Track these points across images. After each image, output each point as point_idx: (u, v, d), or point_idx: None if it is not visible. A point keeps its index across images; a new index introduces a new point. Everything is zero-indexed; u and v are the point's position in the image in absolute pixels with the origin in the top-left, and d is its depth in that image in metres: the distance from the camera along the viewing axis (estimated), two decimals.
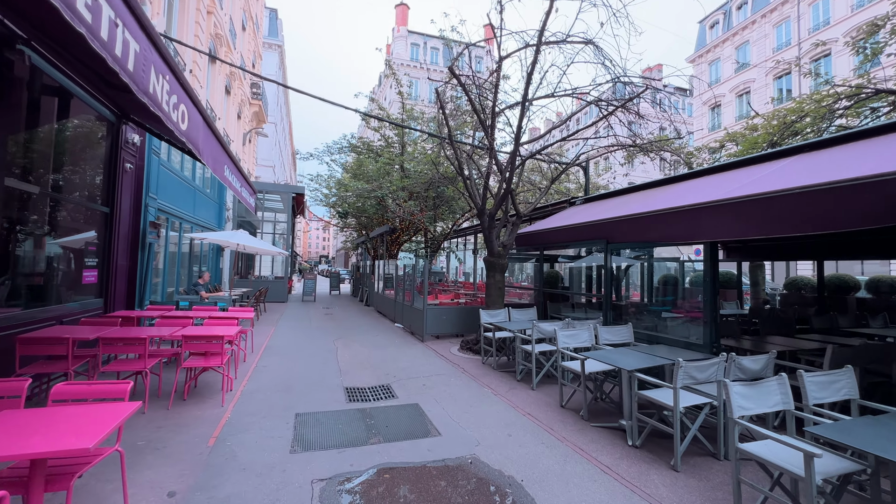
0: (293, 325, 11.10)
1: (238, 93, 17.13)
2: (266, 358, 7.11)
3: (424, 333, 8.96)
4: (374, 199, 12.31)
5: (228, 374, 5.07)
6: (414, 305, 9.90)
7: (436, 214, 12.87)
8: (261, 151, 31.79)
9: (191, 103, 3.40)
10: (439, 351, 8.09)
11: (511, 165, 7.04)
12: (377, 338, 9.42)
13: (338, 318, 12.84)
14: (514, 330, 6.08)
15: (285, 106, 46.04)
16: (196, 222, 11.15)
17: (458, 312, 9.36)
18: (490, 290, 8.09)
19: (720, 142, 10.63)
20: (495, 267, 8.04)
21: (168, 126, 3.04)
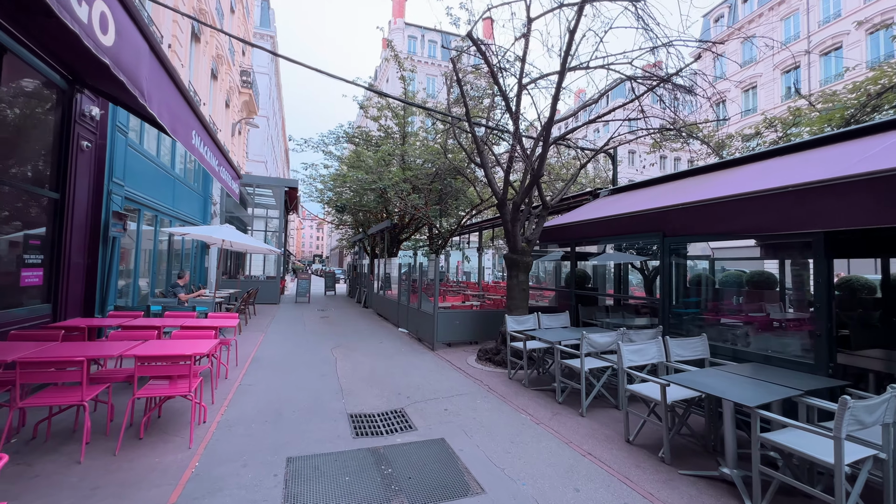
0: (285, 330, 9.97)
1: (226, 79, 15.93)
2: (252, 373, 6.00)
3: (435, 341, 7.90)
4: (375, 191, 11.22)
5: (201, 400, 3.98)
6: (422, 309, 8.83)
7: (441, 209, 11.82)
8: (252, 146, 30.54)
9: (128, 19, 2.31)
10: (454, 362, 7.03)
11: (544, 144, 6.00)
12: (381, 345, 8.34)
13: (335, 321, 11.72)
14: (553, 341, 5.04)
15: (278, 101, 44.66)
16: (176, 216, 9.99)
17: (472, 317, 8.30)
18: (512, 292, 7.05)
19: (756, 127, 9.68)
20: (518, 265, 6.99)
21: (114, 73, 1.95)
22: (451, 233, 11.93)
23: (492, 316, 8.42)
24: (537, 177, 6.18)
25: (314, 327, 10.53)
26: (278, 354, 7.30)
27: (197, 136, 4.21)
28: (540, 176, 6.22)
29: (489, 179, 7.09)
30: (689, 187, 5.21)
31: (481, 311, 8.56)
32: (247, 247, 11.80)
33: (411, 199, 11.23)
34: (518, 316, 6.33)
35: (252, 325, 10.41)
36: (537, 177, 6.18)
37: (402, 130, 14.25)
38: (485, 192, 11.27)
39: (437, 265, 8.01)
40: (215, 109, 14.81)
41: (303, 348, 7.91)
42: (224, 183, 5.22)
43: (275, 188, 16.76)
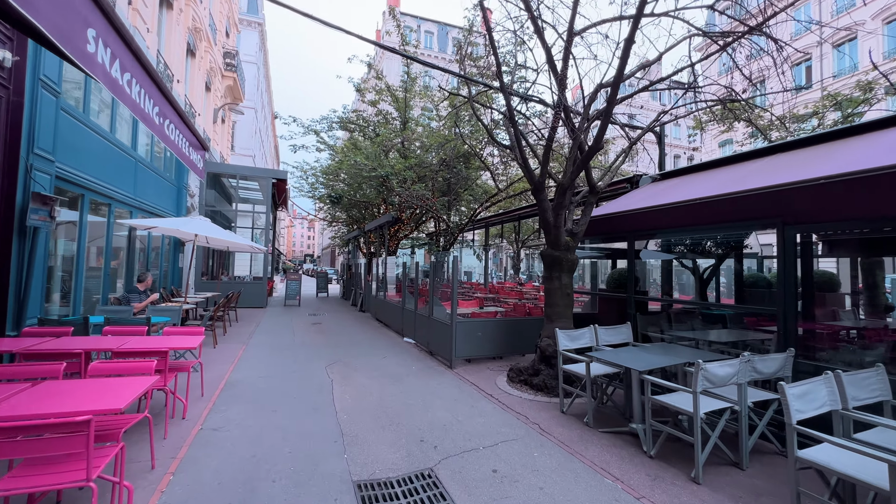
0: (271, 341, 8.46)
1: (206, 57, 14.30)
2: (222, 409, 4.51)
3: (453, 357, 6.47)
4: (375, 179, 9.76)
5: (121, 477, 2.50)
6: (434, 317, 7.39)
7: (450, 200, 10.42)
8: (239, 139, 28.84)
9: None
10: (481, 385, 5.61)
11: (607, 108, 4.58)
12: (386, 361, 6.89)
13: (329, 329, 10.23)
14: (639, 369, 3.63)
15: (267, 93, 42.83)
16: (139, 206, 8.41)
17: (496, 328, 6.89)
18: (553, 297, 5.64)
19: (815, 106, 8.42)
20: (561, 265, 5.60)
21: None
22: (460, 227, 10.53)
23: (518, 326, 7.02)
24: (595, 150, 4.77)
25: (305, 337, 9.02)
26: (259, 376, 5.80)
27: (121, 65, 2.74)
28: (598, 150, 4.81)
29: (522, 159, 5.68)
30: (801, 161, 3.86)
31: (506, 319, 7.14)
32: (227, 243, 10.27)
33: (415, 188, 9.79)
34: (569, 329, 4.93)
35: (231, 335, 8.87)
36: (595, 150, 4.77)
37: (403, 116, 12.79)
38: (502, 180, 9.90)
39: (456, 264, 6.57)
40: (193, 90, 13.19)
41: (290, 367, 6.42)
42: (173, 146, 3.74)
43: (261, 180, 15.17)
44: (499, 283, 18.72)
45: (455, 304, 6.49)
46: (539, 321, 7.18)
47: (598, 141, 4.67)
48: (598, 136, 4.65)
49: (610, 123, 6.67)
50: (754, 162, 4.95)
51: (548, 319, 5.71)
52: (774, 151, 4.93)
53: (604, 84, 5.40)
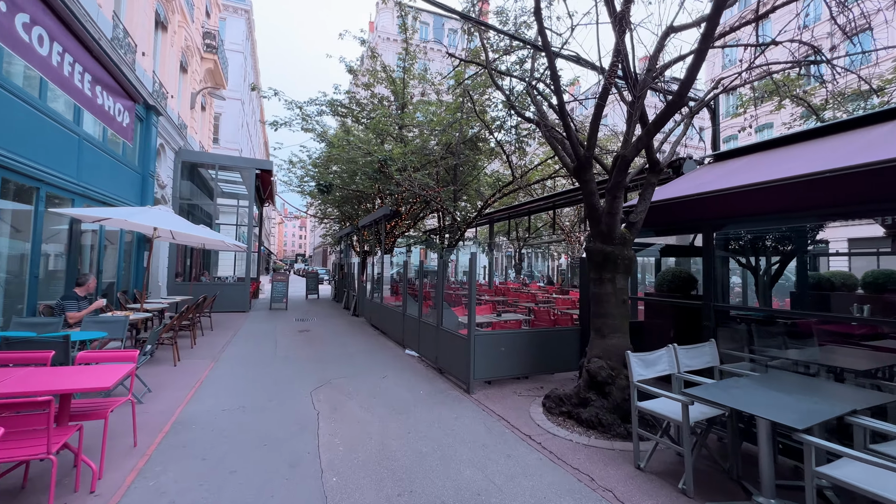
0: (247, 355, 7.09)
1: (180, 33, 12.83)
2: (154, 472, 3.16)
3: (472, 379, 5.17)
4: (371, 165, 8.43)
5: None
6: (444, 326, 6.10)
7: (456, 191, 9.13)
8: (225, 132, 27.26)
9: None
10: (512, 420, 4.33)
11: (702, 44, 3.29)
12: (386, 383, 5.58)
13: (318, 337, 8.87)
14: (799, 427, 2.35)
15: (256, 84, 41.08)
16: (84, 193, 6.98)
17: (521, 342, 5.60)
18: (604, 306, 4.38)
19: None
20: (615, 264, 4.34)
21: None
22: (468, 222, 9.26)
23: (547, 339, 5.75)
24: (685, 94, 3.47)
25: (289, 348, 7.66)
26: (222, 409, 4.45)
27: None
28: (684, 105, 3.53)
29: (566, 126, 4.40)
30: None
31: (533, 331, 5.86)
32: (198, 239, 8.87)
33: (417, 177, 8.48)
34: (629, 348, 3.65)
35: (201, 348, 7.48)
36: (685, 94, 3.47)
37: (401, 100, 11.46)
38: (519, 166, 8.62)
39: (475, 263, 5.27)
40: (164, 68, 11.72)
41: (267, 392, 5.08)
42: (73, 92, 2.37)
43: (243, 171, 13.72)
44: (501, 284, 17.49)
45: (473, 312, 5.19)
46: (572, 333, 5.93)
47: (689, 81, 3.37)
48: (689, 74, 3.36)
49: (656, 91, 5.41)
50: (874, 129, 3.74)
51: (597, 334, 4.44)
52: None
53: (674, 27, 4.13)
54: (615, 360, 4.25)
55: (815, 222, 4.78)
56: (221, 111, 27.84)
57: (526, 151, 8.14)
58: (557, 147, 5.21)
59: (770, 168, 4.02)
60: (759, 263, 5.31)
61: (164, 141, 11.35)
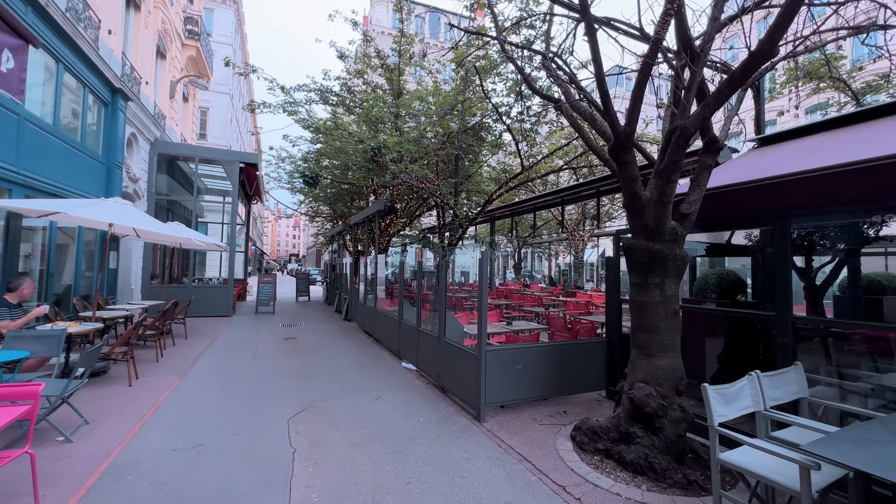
0: (220, 369, 6.17)
1: (156, 14, 11.82)
2: None
3: (482, 404, 4.29)
4: (363, 155, 7.53)
5: None
6: (447, 338, 5.21)
7: (457, 184, 8.26)
8: (213, 127, 26.20)
9: None
10: (537, 461, 3.47)
11: None
12: (381, 407, 4.69)
13: (304, 347, 7.96)
14: None
15: (246, 80, 39.92)
16: (28, 184, 6.03)
17: (541, 357, 4.73)
18: (650, 318, 3.53)
19: None
20: (665, 265, 3.49)
21: None
22: (470, 219, 8.39)
23: (568, 353, 4.88)
24: (766, 56, 2.62)
25: (270, 362, 6.74)
26: (172, 449, 3.54)
27: None
28: (775, 55, 2.67)
29: (605, 100, 3.53)
30: None
31: (554, 345, 4.99)
32: (170, 238, 7.92)
33: (414, 169, 7.58)
34: (720, 386, 2.78)
35: (168, 361, 6.54)
36: (766, 56, 2.62)
37: (396, 88, 10.55)
38: (530, 154, 7.76)
39: (486, 262, 4.39)
40: (137, 51, 10.72)
41: (234, 422, 4.17)
42: None
43: (227, 164, 12.73)
44: (502, 286, 16.67)
45: (484, 324, 4.31)
46: (597, 346, 5.08)
47: (786, 19, 2.50)
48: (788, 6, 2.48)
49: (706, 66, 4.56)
50: None
51: (641, 353, 3.58)
52: None
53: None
54: (666, 387, 3.40)
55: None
56: (209, 105, 26.79)
57: (535, 140, 7.28)
58: (583, 129, 4.36)
59: (849, 149, 3.20)
60: (817, 264, 4.49)
61: (136, 130, 10.36)
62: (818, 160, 3.15)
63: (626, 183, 3.67)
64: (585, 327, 5.78)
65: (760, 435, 2.65)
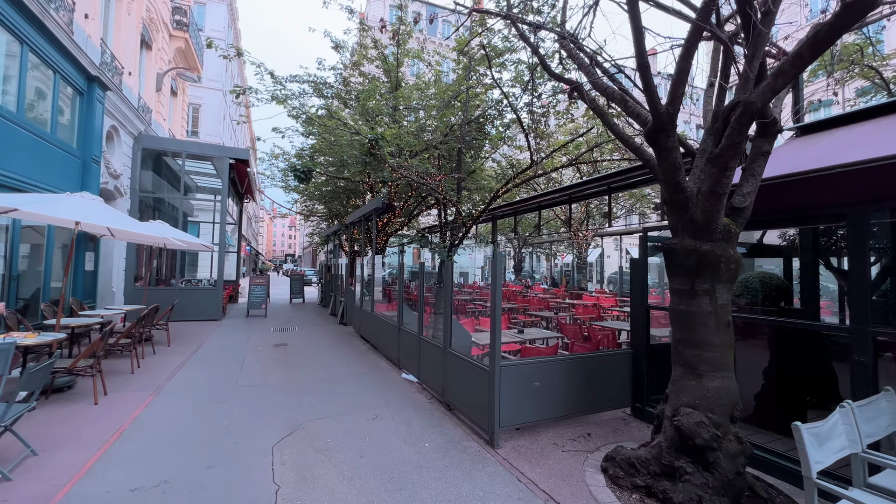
0: (201, 383, 5.58)
1: (140, 1, 11.18)
2: None
3: (497, 427, 3.74)
4: (360, 147, 6.95)
5: None
6: (453, 349, 4.66)
7: (460, 179, 7.70)
8: (205, 125, 25.54)
9: None
10: (564, 500, 2.92)
11: None
12: (378, 428, 4.12)
13: (296, 355, 7.37)
14: None
15: (240, 78, 39.17)
16: None
17: (562, 372, 4.18)
18: (697, 330, 2.99)
19: None
20: (716, 268, 2.96)
21: None
22: (474, 217, 7.85)
23: (590, 366, 4.34)
24: (870, 6, 2.10)
25: (257, 373, 6.15)
26: (130, 490, 2.96)
27: None
28: (873, 7, 2.15)
29: (645, 74, 3.00)
30: None
31: (575, 357, 4.44)
32: (149, 238, 7.32)
33: (414, 163, 7.02)
34: (811, 425, 2.23)
35: (144, 373, 5.93)
36: (870, 6, 2.10)
37: (394, 81, 9.98)
38: (542, 146, 7.22)
39: (500, 264, 3.83)
40: (119, 38, 10.10)
41: (209, 452, 3.59)
42: None
43: (216, 160, 12.12)
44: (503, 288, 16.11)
45: (498, 335, 3.75)
46: (621, 358, 4.54)
47: None
48: None
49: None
50: None
51: (687, 372, 3.05)
52: None
53: None
54: (720, 413, 2.87)
55: None
56: (201, 102, 26.15)
57: (546, 132, 6.73)
58: (606, 115, 3.83)
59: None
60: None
61: (117, 123, 9.73)
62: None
63: (668, 173, 3.13)
64: (604, 335, 5.24)
65: (857, 483, 2.12)
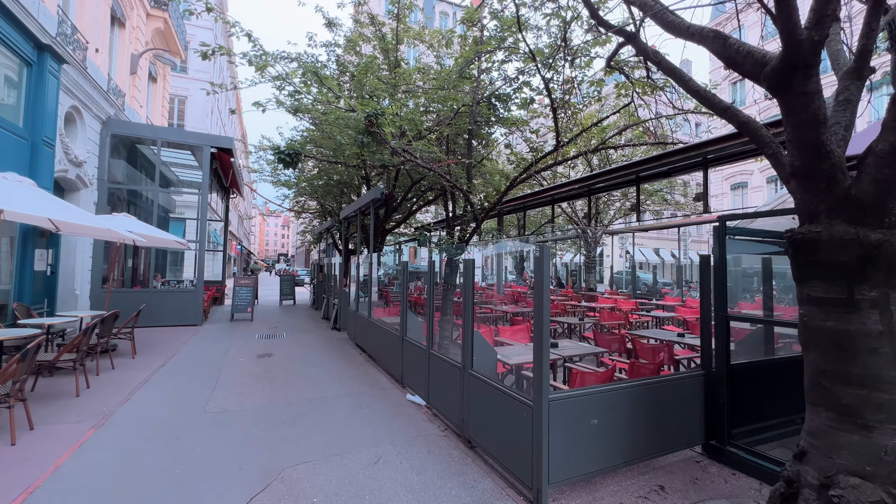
0: (157, 411, 4.52)
1: None
2: None
3: (545, 482, 2.74)
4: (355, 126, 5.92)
5: None
6: (475, 371, 3.65)
7: (470, 165, 6.69)
8: (191, 118, 24.33)
9: None
10: None
11: None
12: (381, 477, 3.11)
13: (280, 370, 6.32)
14: None
15: (229, 69, 37.81)
16: None
17: (620, 405, 3.18)
18: (859, 358, 2.02)
19: None
20: (890, 266, 1.97)
21: None
22: (486, 209, 6.84)
23: (653, 395, 3.35)
24: None
25: (231, 394, 5.10)
26: None
27: None
28: None
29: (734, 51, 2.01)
30: None
31: (631, 385, 3.44)
32: (101, 232, 6.23)
33: (419, 147, 5.99)
34: None
35: (93, 395, 4.86)
36: None
37: (392, 62, 8.94)
38: (571, 125, 6.22)
39: (547, 262, 2.83)
40: (82, 9, 8.96)
41: None
42: None
43: (195, 150, 11.01)
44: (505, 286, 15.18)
45: (546, 356, 2.75)
46: (690, 383, 3.56)
47: None
48: None
49: None
50: None
51: (843, 420, 2.07)
52: None
53: None
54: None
55: None
56: (187, 94, 25.00)
57: (578, 106, 5.70)
58: (677, 70, 2.87)
59: None
60: None
61: (79, 104, 8.60)
62: None
63: (804, 130, 2.16)
64: (655, 351, 4.26)
65: None
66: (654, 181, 8.88)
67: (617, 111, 5.81)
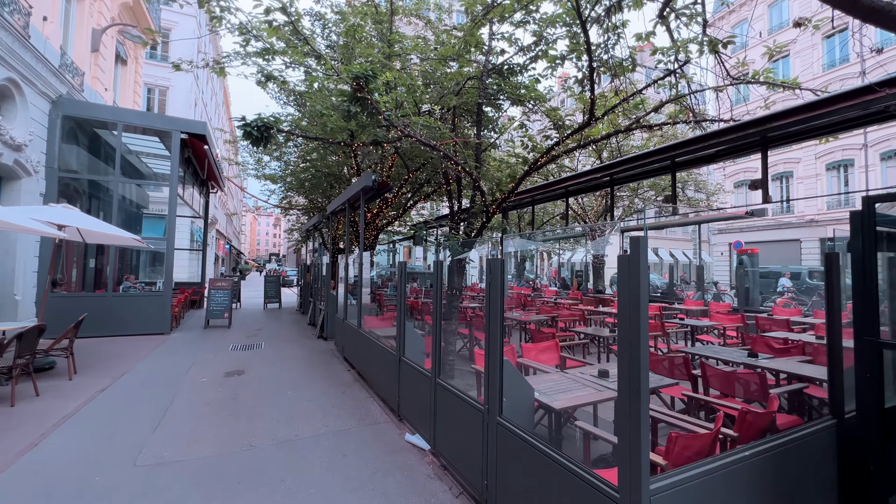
0: (73, 459, 3.32)
1: None
2: None
3: None
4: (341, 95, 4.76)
5: None
6: (509, 422, 2.52)
7: (479, 147, 5.57)
8: (173, 110, 22.89)
9: None
10: None
11: None
12: None
13: (249, 395, 5.13)
14: None
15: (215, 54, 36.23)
16: None
17: (741, 481, 2.07)
18: None
19: None
20: None
21: None
22: (497, 201, 5.70)
23: (777, 459, 2.24)
24: None
25: (179, 434, 3.90)
26: None
27: None
28: None
29: None
30: None
31: (755, 449, 2.33)
32: (24, 229, 5.00)
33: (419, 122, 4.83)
34: None
35: (1, 430, 3.65)
36: None
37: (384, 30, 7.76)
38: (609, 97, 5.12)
39: (644, 259, 1.72)
40: None
41: None
42: None
43: (163, 135, 9.73)
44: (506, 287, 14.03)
45: (645, 420, 1.64)
46: (818, 437, 2.46)
47: None
48: None
49: None
50: None
51: None
52: None
53: None
54: None
55: None
56: (169, 84, 23.64)
57: (630, 65, 4.55)
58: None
59: None
60: None
61: (17, 76, 7.32)
62: None
63: None
64: (745, 381, 3.16)
65: None
66: (694, 167, 7.81)
67: (664, 76, 4.68)
